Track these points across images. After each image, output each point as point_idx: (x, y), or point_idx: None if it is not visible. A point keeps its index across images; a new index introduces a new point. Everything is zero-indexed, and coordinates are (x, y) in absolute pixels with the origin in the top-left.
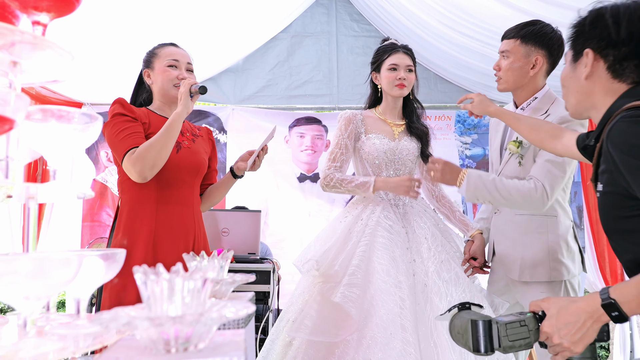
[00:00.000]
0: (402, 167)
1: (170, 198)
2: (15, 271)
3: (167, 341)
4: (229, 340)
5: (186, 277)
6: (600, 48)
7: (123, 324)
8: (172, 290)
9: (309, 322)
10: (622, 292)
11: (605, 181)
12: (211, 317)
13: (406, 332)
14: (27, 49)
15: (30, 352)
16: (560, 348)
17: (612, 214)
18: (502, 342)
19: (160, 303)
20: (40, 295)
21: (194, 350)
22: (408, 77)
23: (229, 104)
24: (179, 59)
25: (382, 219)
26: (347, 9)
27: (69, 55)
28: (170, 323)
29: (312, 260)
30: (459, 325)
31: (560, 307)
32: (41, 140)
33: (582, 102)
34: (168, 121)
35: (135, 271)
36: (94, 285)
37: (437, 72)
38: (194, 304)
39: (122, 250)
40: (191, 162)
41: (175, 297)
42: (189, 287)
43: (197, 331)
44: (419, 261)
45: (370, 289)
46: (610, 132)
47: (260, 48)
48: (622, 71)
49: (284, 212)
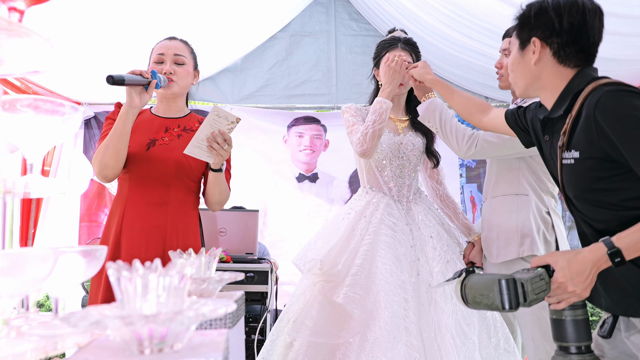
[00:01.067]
0: (406, 163)
1: (141, 197)
2: None
3: (140, 341)
4: (209, 341)
5: (162, 274)
6: (545, 37)
7: (92, 322)
8: (146, 287)
9: (310, 323)
10: (624, 240)
11: (584, 148)
12: (188, 316)
13: (410, 335)
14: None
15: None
16: (571, 295)
17: (591, 176)
18: (529, 297)
19: (133, 301)
20: (12, 293)
21: (170, 351)
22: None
23: (227, 104)
24: (164, 52)
25: (386, 217)
26: (345, 8)
27: (47, 43)
28: (143, 322)
29: (315, 260)
30: (480, 287)
31: (568, 259)
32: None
33: (531, 84)
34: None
35: (108, 267)
36: (74, 283)
37: (436, 72)
38: (170, 302)
39: (103, 247)
40: (166, 159)
41: (150, 294)
42: (164, 284)
43: (172, 331)
44: (423, 260)
45: (373, 289)
46: (598, 105)
47: (259, 47)
48: (565, 57)
49: (283, 212)
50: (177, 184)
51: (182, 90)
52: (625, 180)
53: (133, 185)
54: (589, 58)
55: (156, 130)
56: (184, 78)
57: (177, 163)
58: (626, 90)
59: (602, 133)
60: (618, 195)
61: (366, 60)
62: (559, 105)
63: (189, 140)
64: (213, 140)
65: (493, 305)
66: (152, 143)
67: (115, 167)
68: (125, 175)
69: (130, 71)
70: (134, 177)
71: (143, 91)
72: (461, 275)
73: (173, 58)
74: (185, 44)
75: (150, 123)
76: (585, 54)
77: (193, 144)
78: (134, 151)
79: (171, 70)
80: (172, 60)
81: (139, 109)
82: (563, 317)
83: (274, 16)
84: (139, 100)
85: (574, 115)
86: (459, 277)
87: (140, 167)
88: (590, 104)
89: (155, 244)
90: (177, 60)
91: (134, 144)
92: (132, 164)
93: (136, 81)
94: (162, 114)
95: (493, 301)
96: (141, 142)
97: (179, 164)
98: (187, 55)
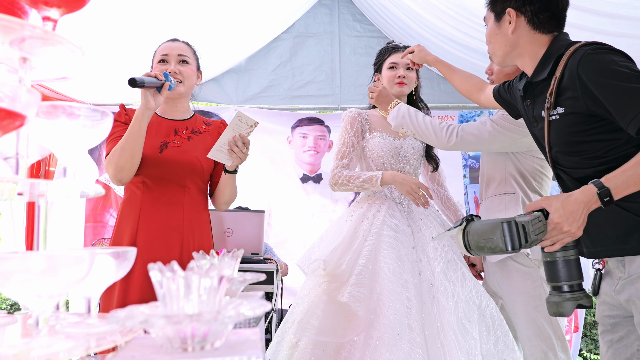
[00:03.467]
0: (406, 166)
1: (156, 199)
2: (28, 269)
3: (183, 339)
4: (244, 339)
5: (202, 275)
6: (519, 6)
7: (140, 322)
8: (188, 288)
9: (315, 322)
10: (612, 181)
11: (569, 104)
12: (228, 315)
13: (413, 332)
14: (37, 44)
15: (42, 350)
16: (566, 235)
17: (573, 130)
18: (530, 237)
19: (176, 301)
20: (52, 294)
21: (211, 348)
22: (408, 75)
23: (231, 105)
24: (168, 53)
25: (388, 218)
26: (349, 9)
27: (80, 51)
28: (188, 321)
29: (319, 260)
30: (482, 231)
31: (562, 201)
32: (51, 137)
33: (509, 52)
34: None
35: (151, 268)
36: (105, 283)
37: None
38: (210, 302)
39: (132, 249)
40: (179, 161)
41: (192, 295)
42: (205, 285)
43: (213, 329)
44: (424, 260)
45: (377, 288)
46: (581, 63)
47: (263, 48)
48: (539, 23)
49: (287, 212)
50: (190, 185)
51: (188, 90)
52: (606, 132)
53: (148, 187)
54: (560, 23)
55: (166, 133)
56: (190, 77)
57: (190, 164)
58: (605, 48)
59: (585, 89)
60: (600, 146)
61: (369, 62)
62: (540, 69)
63: (198, 142)
64: (234, 144)
65: (497, 248)
66: (164, 146)
67: (131, 169)
68: (138, 178)
69: (145, 74)
70: (149, 179)
71: (156, 93)
72: (462, 224)
73: (177, 58)
74: (188, 45)
75: (158, 125)
76: (557, 19)
77: (216, 148)
78: (147, 154)
79: (176, 70)
80: (177, 61)
81: (153, 110)
82: (556, 259)
83: (278, 17)
84: (154, 102)
85: (558, 76)
86: (460, 225)
87: (154, 170)
88: (573, 64)
89: (174, 244)
90: (181, 59)
91: (146, 147)
92: (146, 166)
93: (153, 83)
94: (169, 115)
95: (497, 244)
96: (153, 145)
97: (192, 165)
98: (191, 56)
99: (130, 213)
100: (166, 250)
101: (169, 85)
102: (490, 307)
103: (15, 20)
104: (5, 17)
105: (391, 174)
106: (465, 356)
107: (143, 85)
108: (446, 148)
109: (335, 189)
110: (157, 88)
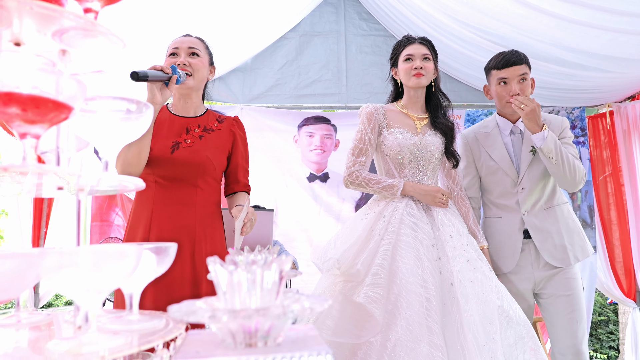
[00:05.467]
0: (426, 164)
1: (168, 198)
2: (76, 263)
3: (247, 334)
4: (303, 335)
5: (265, 269)
6: None
7: (207, 316)
8: (253, 282)
9: (330, 323)
10: None
11: None
12: (293, 310)
13: (433, 335)
14: (79, 35)
15: (92, 347)
16: None
17: None
18: None
19: (238, 295)
20: (100, 289)
21: (274, 344)
22: (425, 66)
23: (237, 104)
24: (179, 46)
25: (406, 216)
26: (355, 7)
27: (121, 42)
28: (255, 316)
29: (332, 259)
30: None
31: None
32: (93, 130)
33: None
34: None
35: (209, 262)
36: (147, 279)
37: (447, 71)
38: (271, 297)
39: (174, 244)
40: (190, 161)
41: (256, 289)
42: (268, 279)
43: (277, 325)
44: (444, 259)
45: (394, 289)
46: None
47: (269, 47)
48: None
49: (294, 211)
50: (202, 185)
51: (198, 83)
52: None
53: (160, 186)
54: None
55: (177, 132)
56: (200, 70)
57: (201, 165)
58: None
59: None
60: None
61: (376, 60)
62: None
63: (210, 140)
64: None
65: None
66: (175, 146)
67: (138, 165)
68: (151, 177)
69: (151, 67)
70: (161, 178)
71: (164, 87)
72: None
73: (187, 51)
74: (200, 40)
75: (171, 124)
76: None
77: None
78: (159, 154)
79: (186, 62)
80: (187, 53)
81: (160, 105)
82: None
83: (283, 16)
84: (160, 96)
85: None
86: None
87: (166, 170)
88: None
89: (185, 243)
90: (191, 52)
91: (158, 146)
92: (158, 166)
93: (158, 77)
94: (181, 112)
95: None
96: (165, 145)
97: (203, 165)
98: (202, 49)
99: (143, 211)
100: (178, 248)
101: (176, 78)
102: (514, 307)
103: (56, 8)
104: (49, 6)
105: (412, 185)
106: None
107: (146, 79)
108: (575, 190)
109: (350, 187)
110: (164, 82)
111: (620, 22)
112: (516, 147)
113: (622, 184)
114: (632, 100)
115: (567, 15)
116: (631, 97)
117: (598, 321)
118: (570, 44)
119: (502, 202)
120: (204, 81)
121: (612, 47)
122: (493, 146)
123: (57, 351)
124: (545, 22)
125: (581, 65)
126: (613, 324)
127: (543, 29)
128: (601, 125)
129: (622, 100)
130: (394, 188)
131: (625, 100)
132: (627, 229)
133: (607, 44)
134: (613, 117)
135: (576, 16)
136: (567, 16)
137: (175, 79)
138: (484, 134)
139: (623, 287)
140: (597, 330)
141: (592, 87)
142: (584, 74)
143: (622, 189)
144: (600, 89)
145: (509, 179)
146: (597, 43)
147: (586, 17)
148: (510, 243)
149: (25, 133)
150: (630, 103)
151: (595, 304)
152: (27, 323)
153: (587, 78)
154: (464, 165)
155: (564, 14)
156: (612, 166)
